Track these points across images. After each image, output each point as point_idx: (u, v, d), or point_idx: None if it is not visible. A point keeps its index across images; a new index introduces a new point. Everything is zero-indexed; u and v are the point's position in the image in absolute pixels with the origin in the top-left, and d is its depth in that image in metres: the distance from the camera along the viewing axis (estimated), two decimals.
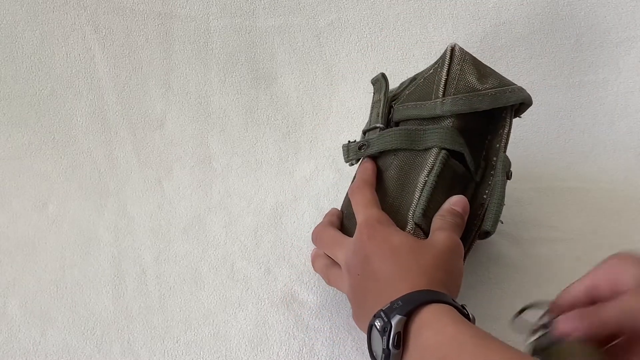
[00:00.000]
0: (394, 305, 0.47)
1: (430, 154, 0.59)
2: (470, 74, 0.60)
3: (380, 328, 0.47)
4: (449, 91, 0.59)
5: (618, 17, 0.83)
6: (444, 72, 0.60)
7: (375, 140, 0.62)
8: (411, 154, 0.60)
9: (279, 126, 0.84)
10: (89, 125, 0.82)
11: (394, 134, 0.60)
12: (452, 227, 0.55)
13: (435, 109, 0.59)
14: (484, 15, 0.84)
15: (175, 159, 0.81)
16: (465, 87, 0.59)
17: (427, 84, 0.61)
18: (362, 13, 0.84)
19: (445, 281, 0.51)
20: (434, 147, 0.58)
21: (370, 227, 0.54)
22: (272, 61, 0.84)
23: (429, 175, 0.57)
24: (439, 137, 0.58)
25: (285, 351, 0.60)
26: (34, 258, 0.70)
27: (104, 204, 0.76)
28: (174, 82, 0.83)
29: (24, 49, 0.81)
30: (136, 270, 0.69)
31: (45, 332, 0.63)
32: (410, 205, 0.57)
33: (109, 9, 0.81)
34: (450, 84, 0.60)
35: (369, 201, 0.57)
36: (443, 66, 0.61)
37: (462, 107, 0.59)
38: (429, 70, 0.63)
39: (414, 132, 0.59)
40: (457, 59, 0.61)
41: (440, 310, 0.47)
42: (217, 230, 0.73)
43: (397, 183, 0.59)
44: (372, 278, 0.52)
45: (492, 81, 0.60)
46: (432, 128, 0.59)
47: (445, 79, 0.60)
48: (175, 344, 0.61)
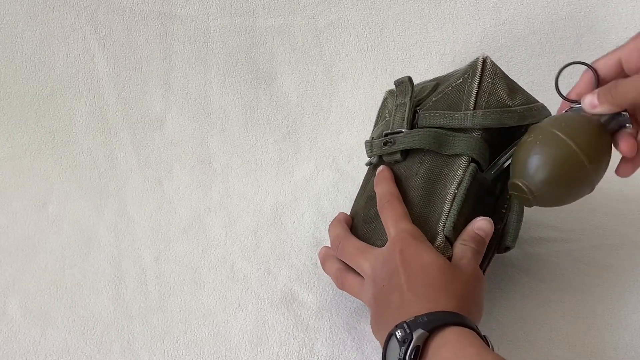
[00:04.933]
0: (419, 319, 0.48)
1: (459, 165, 0.58)
2: (502, 89, 0.60)
3: (401, 338, 0.47)
4: (480, 104, 0.59)
5: (618, 17, 0.83)
6: (475, 84, 0.60)
7: (402, 138, 0.61)
8: (438, 163, 0.59)
9: (279, 126, 0.84)
10: (89, 125, 0.82)
11: (423, 134, 0.60)
12: (475, 256, 0.55)
13: (465, 121, 0.59)
14: (484, 15, 0.84)
15: (175, 159, 0.81)
16: (496, 102, 0.59)
17: (456, 93, 0.61)
18: (362, 13, 0.84)
19: (470, 309, 0.52)
20: (462, 154, 0.58)
21: (403, 240, 0.54)
22: (272, 61, 0.84)
23: (458, 188, 0.57)
24: (468, 145, 0.58)
25: (285, 351, 0.60)
26: (34, 258, 0.70)
27: (104, 204, 0.76)
28: (174, 82, 0.83)
29: (24, 49, 0.81)
30: (136, 270, 0.69)
31: (45, 332, 0.63)
32: (440, 217, 0.57)
33: (109, 9, 0.81)
34: (482, 97, 0.59)
35: (400, 215, 0.57)
36: (474, 77, 0.60)
37: (493, 122, 0.59)
38: (457, 80, 0.62)
39: (443, 135, 0.59)
40: (488, 71, 0.60)
41: (463, 333, 0.48)
42: (217, 230, 0.73)
43: (424, 192, 0.59)
44: (398, 291, 0.52)
45: (520, 98, 0.60)
46: (462, 135, 0.59)
47: (477, 91, 0.59)
48: (175, 344, 0.61)
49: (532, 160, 0.53)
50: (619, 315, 0.61)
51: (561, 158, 0.52)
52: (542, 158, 0.52)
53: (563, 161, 0.52)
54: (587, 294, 0.63)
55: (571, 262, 0.66)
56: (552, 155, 0.52)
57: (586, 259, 0.67)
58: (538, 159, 0.53)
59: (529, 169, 0.53)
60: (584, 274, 0.65)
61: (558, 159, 0.52)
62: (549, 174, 0.52)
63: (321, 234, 0.71)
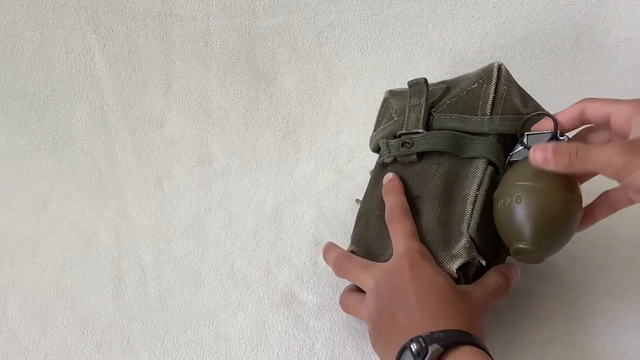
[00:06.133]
0: (435, 335, 0.49)
1: (477, 167, 0.59)
2: (516, 97, 0.61)
3: (416, 351, 0.48)
4: (496, 110, 0.60)
5: (618, 17, 0.83)
6: (491, 90, 0.61)
7: (420, 139, 0.61)
8: (456, 164, 0.60)
9: (279, 126, 0.84)
10: (89, 125, 0.82)
11: (442, 136, 0.60)
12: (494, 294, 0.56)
13: (482, 126, 0.60)
14: (484, 15, 0.84)
15: (175, 159, 0.81)
16: (512, 109, 0.61)
17: (472, 98, 0.62)
18: (362, 13, 0.84)
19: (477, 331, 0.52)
20: (479, 157, 0.59)
21: (412, 258, 0.55)
22: (272, 61, 0.84)
23: (479, 189, 0.58)
24: (485, 148, 0.59)
25: (285, 351, 0.60)
26: (34, 258, 0.70)
27: (104, 204, 0.76)
28: (174, 82, 0.83)
29: (24, 49, 0.81)
30: (136, 270, 0.69)
31: (45, 332, 0.63)
32: (463, 218, 0.57)
33: (109, 9, 0.81)
34: (498, 103, 0.60)
35: (410, 231, 0.57)
36: (490, 83, 0.61)
37: (508, 128, 0.60)
38: (471, 84, 0.62)
39: (461, 138, 0.60)
40: (504, 79, 0.61)
41: (476, 353, 0.49)
42: (217, 230, 0.73)
43: (444, 193, 0.59)
44: (406, 306, 0.53)
45: (531, 106, 0.62)
46: (479, 138, 0.60)
47: (493, 97, 0.61)
48: (175, 344, 0.61)
49: (522, 220, 0.53)
50: (619, 315, 0.61)
51: (547, 205, 0.53)
52: (530, 214, 0.53)
53: (550, 206, 0.53)
54: (587, 294, 0.63)
55: (571, 262, 0.66)
56: (538, 207, 0.53)
57: (586, 259, 0.66)
58: (526, 216, 0.53)
59: (524, 230, 0.53)
60: (584, 274, 0.65)
61: (545, 207, 0.53)
62: (544, 226, 0.53)
63: (321, 234, 0.71)
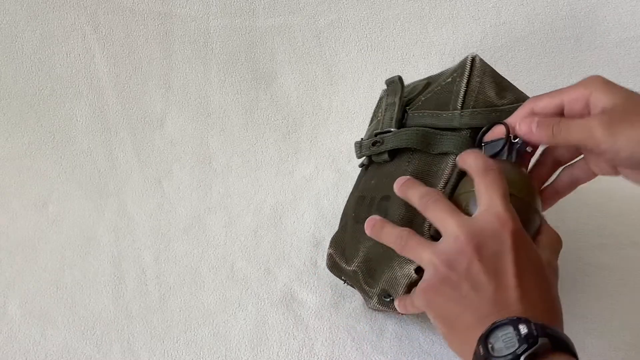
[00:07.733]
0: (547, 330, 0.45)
1: (447, 164, 0.58)
2: (490, 89, 0.60)
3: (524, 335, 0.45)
4: (467, 104, 0.59)
5: (618, 17, 0.83)
6: (463, 84, 0.60)
7: (390, 137, 0.61)
8: (426, 162, 0.59)
9: (279, 126, 0.84)
10: (89, 125, 0.82)
11: (411, 133, 0.60)
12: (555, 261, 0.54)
13: (452, 121, 0.59)
14: (484, 15, 0.84)
15: (175, 159, 0.81)
16: (484, 102, 0.59)
17: (445, 93, 0.61)
18: (362, 13, 0.84)
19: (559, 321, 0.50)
20: (450, 153, 0.58)
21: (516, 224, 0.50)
22: (272, 61, 0.84)
23: (445, 186, 0.57)
24: (455, 144, 0.58)
25: (285, 351, 0.60)
26: (34, 258, 0.70)
27: (104, 204, 0.76)
28: (174, 82, 0.83)
29: (24, 49, 0.81)
30: (136, 270, 0.69)
31: (45, 332, 0.63)
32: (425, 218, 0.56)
33: (109, 9, 0.81)
34: (470, 97, 0.59)
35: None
36: (462, 77, 0.60)
37: (480, 122, 0.58)
38: (446, 79, 0.62)
39: (431, 134, 0.59)
40: (477, 70, 0.60)
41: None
42: (217, 230, 0.73)
43: None
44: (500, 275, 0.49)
45: (510, 96, 0.60)
46: (449, 134, 0.59)
47: (465, 90, 0.59)
48: (175, 344, 0.61)
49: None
50: (619, 315, 0.61)
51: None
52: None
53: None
54: (587, 294, 0.63)
55: (571, 262, 0.66)
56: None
57: (586, 259, 0.67)
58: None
59: None
60: (584, 274, 0.65)
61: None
62: None
63: (321, 234, 0.71)
